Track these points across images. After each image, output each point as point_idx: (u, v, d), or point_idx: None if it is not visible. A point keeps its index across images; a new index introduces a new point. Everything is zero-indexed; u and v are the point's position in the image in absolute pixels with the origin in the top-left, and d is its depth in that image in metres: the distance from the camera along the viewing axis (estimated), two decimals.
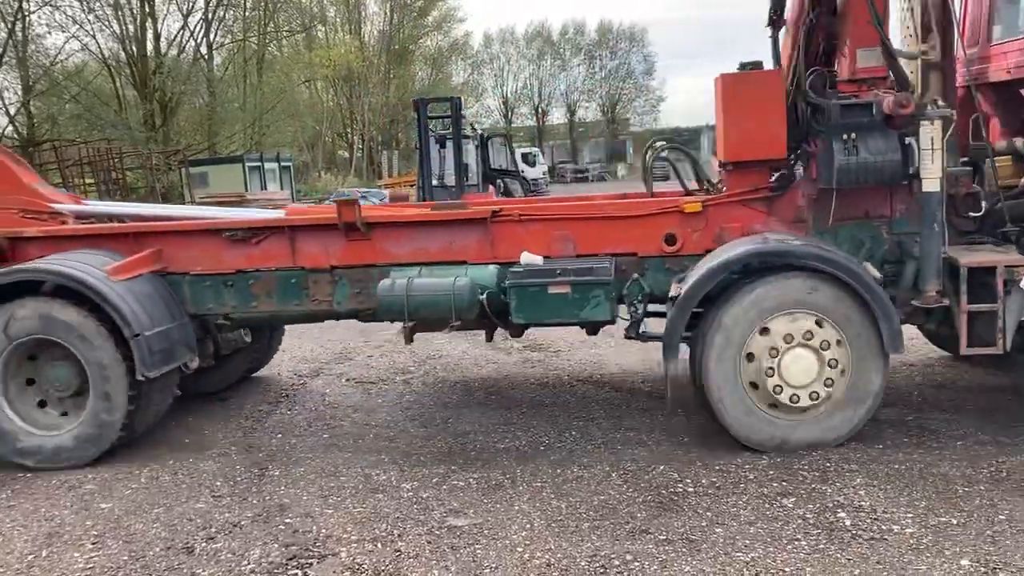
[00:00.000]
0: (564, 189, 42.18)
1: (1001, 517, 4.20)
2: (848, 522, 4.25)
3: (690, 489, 4.77)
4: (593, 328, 6.09)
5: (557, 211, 6.07)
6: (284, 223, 6.11)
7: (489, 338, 6.47)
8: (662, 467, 5.09)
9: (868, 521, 4.25)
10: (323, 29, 54.21)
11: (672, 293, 5.34)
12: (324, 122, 52.95)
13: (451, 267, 5.70)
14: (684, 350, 5.36)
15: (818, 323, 5.05)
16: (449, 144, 18.00)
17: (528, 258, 5.61)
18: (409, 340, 5.87)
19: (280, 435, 6.15)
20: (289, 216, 6.53)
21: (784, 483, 4.78)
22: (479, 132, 20.29)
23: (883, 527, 4.18)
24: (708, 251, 5.54)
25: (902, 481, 4.70)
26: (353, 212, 5.75)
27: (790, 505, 4.49)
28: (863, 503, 4.45)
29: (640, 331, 5.66)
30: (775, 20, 5.95)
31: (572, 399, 6.64)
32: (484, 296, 5.50)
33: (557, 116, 75.18)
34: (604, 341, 8.51)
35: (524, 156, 41.58)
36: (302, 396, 7.17)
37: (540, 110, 73.49)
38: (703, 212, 5.65)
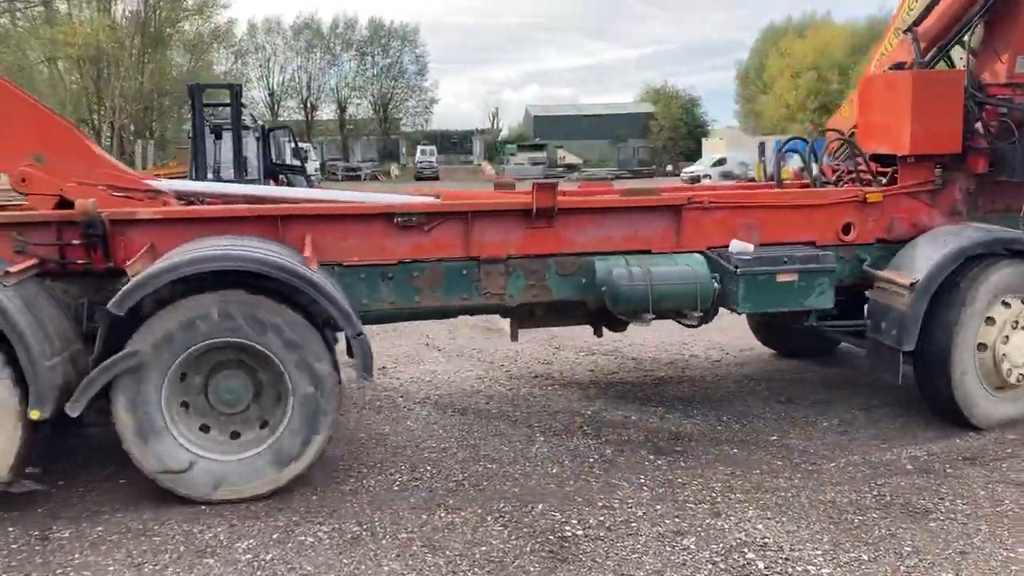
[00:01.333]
0: (337, 187, 40.75)
1: (907, 549, 4.01)
2: (761, 565, 3.89)
3: (579, 532, 4.23)
4: (702, 320, 5.75)
5: (745, 199, 5.95)
6: (465, 207, 5.40)
7: (599, 334, 6.22)
8: (540, 506, 4.52)
9: (780, 562, 3.91)
10: (66, 4, 49.15)
11: (905, 280, 5.44)
12: (67, 106, 47.96)
13: (669, 257, 5.54)
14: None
15: None
16: (226, 135, 16.50)
17: (739, 246, 5.54)
18: (515, 337, 5.56)
19: (65, 480, 4.94)
20: (470, 200, 5.82)
21: (676, 519, 4.36)
22: (260, 123, 18.81)
23: (797, 568, 3.86)
24: (879, 240, 5.94)
25: (793, 511, 4.43)
26: (551, 196, 5.33)
27: (692, 547, 4.07)
28: (766, 539, 4.12)
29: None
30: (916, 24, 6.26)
31: (415, 426, 5.91)
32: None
33: (326, 112, 73.11)
34: (430, 355, 7.85)
35: (294, 152, 39.47)
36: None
37: (309, 104, 71.11)
38: (881, 203, 5.89)
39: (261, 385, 4.67)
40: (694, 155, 76.89)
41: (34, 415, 4.27)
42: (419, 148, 64.15)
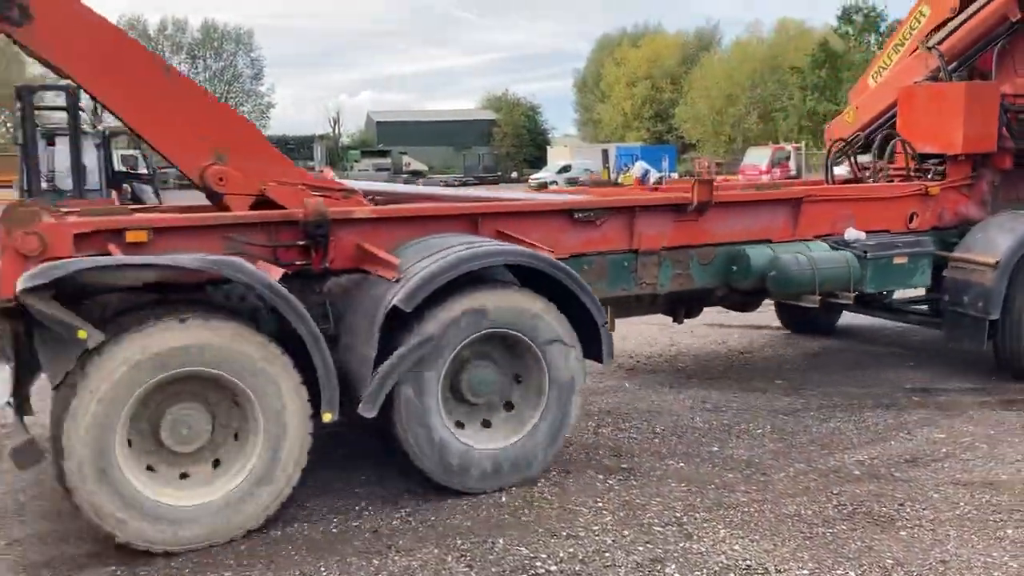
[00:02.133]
0: (171, 195, 38.61)
1: (889, 562, 3.90)
2: None
3: (553, 568, 3.89)
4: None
5: (843, 193, 6.82)
6: (631, 203, 5.82)
7: (680, 320, 6.70)
8: (501, 540, 4.14)
9: None
10: None
11: (990, 259, 6.32)
12: None
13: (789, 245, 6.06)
14: None
15: None
16: (61, 141, 15.09)
17: (854, 234, 6.27)
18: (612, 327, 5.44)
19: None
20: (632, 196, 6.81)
21: (648, 545, 4.10)
22: (101, 129, 17.29)
23: None
24: (933, 228, 6.79)
25: (763, 528, 4.26)
26: (709, 192, 5.76)
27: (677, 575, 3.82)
28: (748, 561, 3.91)
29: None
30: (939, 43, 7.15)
31: (343, 457, 5.38)
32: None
33: None
34: None
35: (123, 159, 37.14)
36: None
37: None
38: (937, 196, 6.80)
39: (513, 376, 4.86)
40: (537, 162, 78.02)
41: (326, 418, 4.25)
42: None
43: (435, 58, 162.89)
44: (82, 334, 3.70)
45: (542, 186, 53.11)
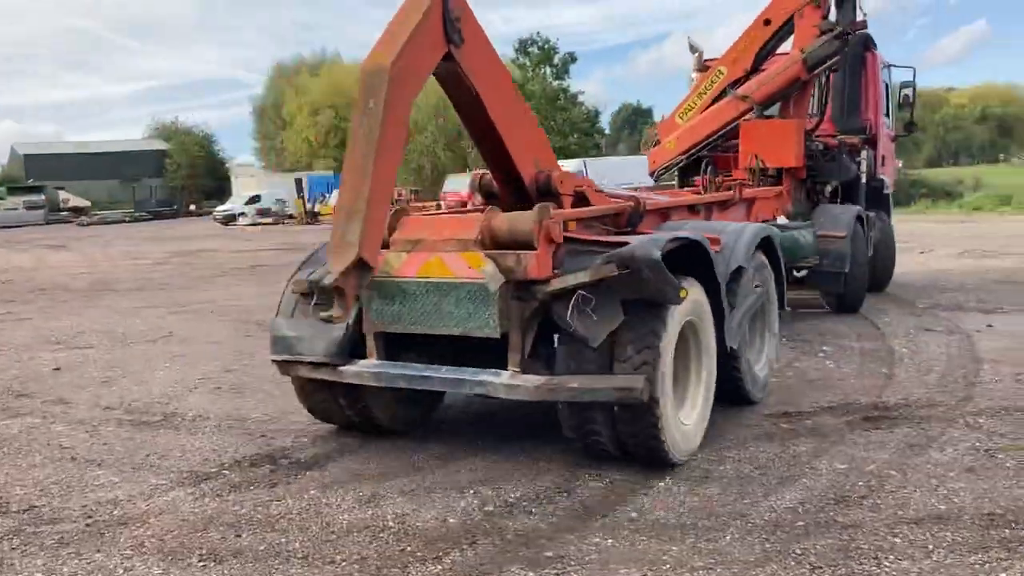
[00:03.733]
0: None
1: None
2: None
3: None
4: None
5: (765, 194, 9.18)
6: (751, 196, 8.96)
7: None
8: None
9: None
10: None
11: (841, 233, 9.40)
12: None
13: None
14: None
15: None
16: None
17: (783, 221, 8.98)
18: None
19: None
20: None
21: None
22: None
23: None
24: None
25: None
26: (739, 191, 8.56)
27: None
28: None
29: None
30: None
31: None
32: None
33: None
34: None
35: None
36: None
37: None
38: (782, 196, 9.52)
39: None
40: (217, 193, 73.75)
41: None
42: None
43: (86, 85, 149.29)
44: (683, 292, 4.80)
45: (230, 219, 50.05)
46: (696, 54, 10.89)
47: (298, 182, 49.55)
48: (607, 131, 75.43)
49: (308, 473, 5.28)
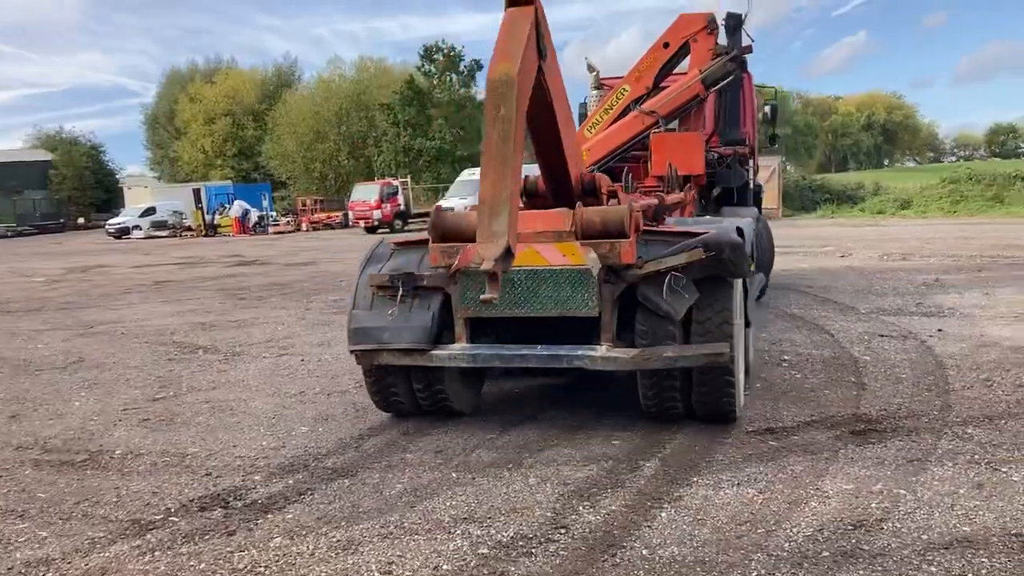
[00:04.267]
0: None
1: None
2: None
3: None
4: None
5: (687, 196, 10.18)
6: None
7: None
8: None
9: None
10: None
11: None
12: None
13: None
14: None
15: None
16: None
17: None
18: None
19: None
20: None
21: None
22: None
23: None
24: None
25: None
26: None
27: None
28: None
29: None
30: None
31: None
32: None
33: None
34: None
35: None
36: None
37: None
38: (690, 200, 10.21)
39: None
40: (107, 205, 70.66)
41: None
42: None
43: None
44: (751, 266, 6.14)
45: (123, 232, 47.82)
46: (593, 73, 11.75)
47: (196, 193, 47.73)
48: None
49: (268, 516, 4.72)
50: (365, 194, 40.95)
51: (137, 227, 47.95)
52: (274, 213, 49.41)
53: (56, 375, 8.76)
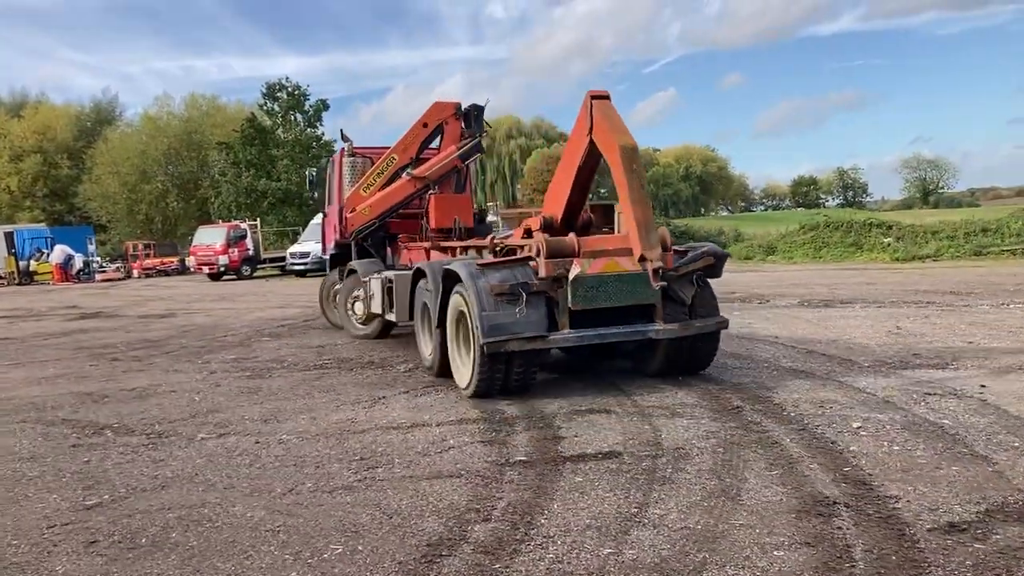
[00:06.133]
0: None
1: None
2: None
3: None
4: None
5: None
6: None
7: None
8: None
9: None
10: None
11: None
12: None
13: None
14: None
15: None
16: None
17: None
18: None
19: None
20: None
21: None
22: None
23: None
24: None
25: None
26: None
27: None
28: None
29: None
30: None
31: None
32: None
33: None
34: None
35: None
36: None
37: None
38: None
39: None
40: None
41: None
42: None
43: None
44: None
45: None
46: (347, 144, 14.17)
47: (8, 237, 42.78)
48: None
49: None
50: (209, 238, 37.94)
51: None
52: (98, 259, 45.01)
53: None
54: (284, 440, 7.11)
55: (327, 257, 15.24)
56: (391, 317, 11.35)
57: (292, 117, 50.80)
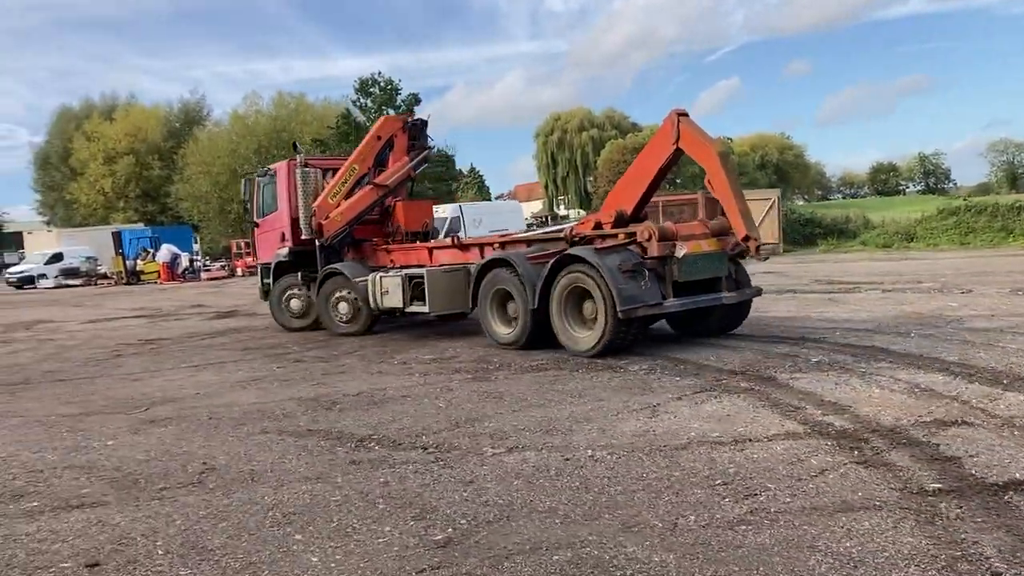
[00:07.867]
0: None
1: None
2: None
3: None
4: None
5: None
6: None
7: None
8: None
9: None
10: None
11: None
12: None
13: None
14: None
15: None
16: None
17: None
18: None
19: None
20: None
21: None
22: None
23: None
24: None
25: None
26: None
27: None
28: None
29: None
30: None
31: None
32: None
33: None
34: None
35: None
36: None
37: None
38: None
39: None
40: None
41: None
42: None
43: None
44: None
45: (26, 281, 42.64)
46: (300, 155, 15.07)
47: (116, 237, 43.12)
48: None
49: None
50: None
51: (43, 276, 42.89)
52: (201, 257, 45.13)
53: (203, 498, 5.66)
54: (597, 456, 6.12)
55: (272, 264, 15.57)
56: (416, 308, 12.72)
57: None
